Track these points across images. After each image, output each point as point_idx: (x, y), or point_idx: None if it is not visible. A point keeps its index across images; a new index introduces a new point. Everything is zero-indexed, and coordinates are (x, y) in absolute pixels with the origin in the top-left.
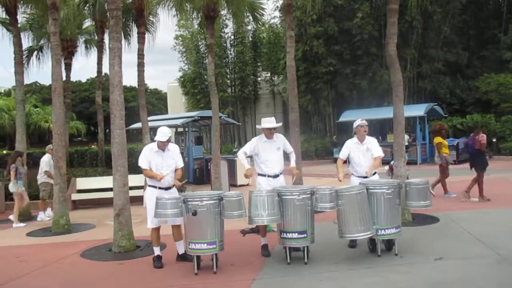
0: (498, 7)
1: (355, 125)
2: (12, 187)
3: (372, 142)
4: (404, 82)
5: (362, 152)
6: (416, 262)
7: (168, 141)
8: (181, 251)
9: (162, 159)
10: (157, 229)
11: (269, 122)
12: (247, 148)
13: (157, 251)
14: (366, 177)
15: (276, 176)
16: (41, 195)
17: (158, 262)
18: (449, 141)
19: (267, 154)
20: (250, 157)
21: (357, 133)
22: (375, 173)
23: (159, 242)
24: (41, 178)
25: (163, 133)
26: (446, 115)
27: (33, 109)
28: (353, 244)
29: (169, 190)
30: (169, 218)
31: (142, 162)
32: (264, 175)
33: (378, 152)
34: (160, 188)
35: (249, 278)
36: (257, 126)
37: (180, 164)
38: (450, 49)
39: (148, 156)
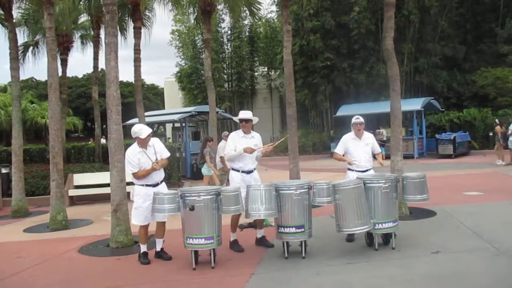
0: (495, 0)
1: (352, 121)
2: (208, 171)
3: (371, 138)
4: (401, 76)
5: (361, 147)
6: (413, 255)
7: (149, 136)
8: (158, 248)
9: (147, 157)
10: (145, 227)
11: (243, 114)
12: (230, 147)
13: (144, 248)
14: (363, 171)
15: (250, 172)
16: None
17: (144, 258)
18: (446, 135)
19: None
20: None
21: (353, 129)
22: (370, 169)
23: (147, 239)
24: (218, 163)
25: (144, 129)
26: (443, 109)
27: (29, 105)
28: (350, 238)
29: (158, 186)
30: (163, 214)
31: (130, 167)
32: (238, 171)
33: (379, 149)
34: (147, 185)
35: (247, 272)
36: (234, 118)
37: (165, 154)
38: (447, 43)
39: (133, 159)
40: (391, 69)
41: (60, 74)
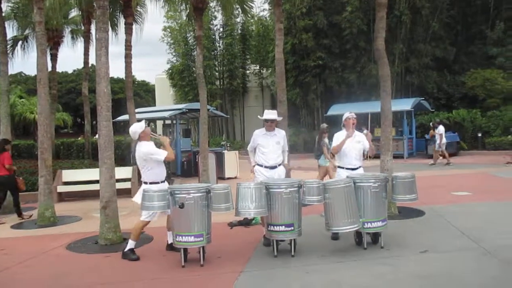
0: (486, 2)
1: (344, 117)
2: (325, 161)
3: (361, 136)
4: (392, 76)
5: (352, 144)
6: (401, 255)
7: (143, 132)
8: (171, 240)
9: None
10: (147, 223)
11: (268, 114)
12: (250, 144)
13: (132, 244)
14: (353, 168)
15: (273, 167)
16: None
17: (134, 254)
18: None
19: (266, 146)
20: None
21: (345, 125)
22: (360, 167)
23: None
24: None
25: (134, 133)
26: (433, 110)
27: (18, 100)
28: (335, 236)
29: (164, 184)
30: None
31: (161, 154)
32: (262, 166)
33: (367, 144)
34: (155, 183)
35: (236, 270)
36: (259, 116)
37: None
38: (438, 44)
39: (154, 149)
40: (382, 69)
41: (50, 69)
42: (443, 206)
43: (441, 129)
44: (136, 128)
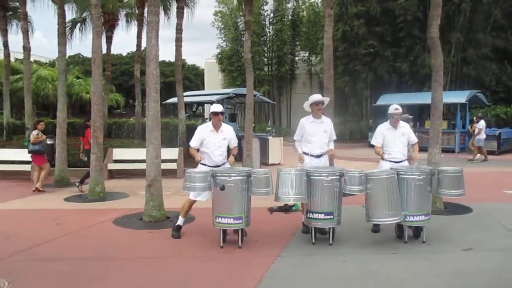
0: None
1: (389, 110)
2: None
3: (407, 127)
4: (447, 67)
5: (397, 137)
6: (443, 251)
7: (222, 113)
8: None
9: (215, 138)
10: (193, 202)
11: (314, 97)
12: (297, 132)
13: (180, 221)
14: (398, 161)
15: (318, 156)
16: None
17: (176, 231)
18: (490, 131)
19: (312, 134)
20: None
21: (390, 119)
22: (404, 160)
23: (187, 214)
24: None
25: (217, 106)
26: (490, 103)
27: (75, 80)
28: (376, 228)
29: (218, 168)
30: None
31: (194, 141)
32: (308, 154)
33: (415, 139)
34: (208, 165)
35: (273, 254)
36: (304, 105)
37: (234, 143)
38: (499, 34)
39: (201, 136)
40: (435, 59)
41: (105, 51)
42: (492, 204)
43: (481, 123)
44: (212, 108)
